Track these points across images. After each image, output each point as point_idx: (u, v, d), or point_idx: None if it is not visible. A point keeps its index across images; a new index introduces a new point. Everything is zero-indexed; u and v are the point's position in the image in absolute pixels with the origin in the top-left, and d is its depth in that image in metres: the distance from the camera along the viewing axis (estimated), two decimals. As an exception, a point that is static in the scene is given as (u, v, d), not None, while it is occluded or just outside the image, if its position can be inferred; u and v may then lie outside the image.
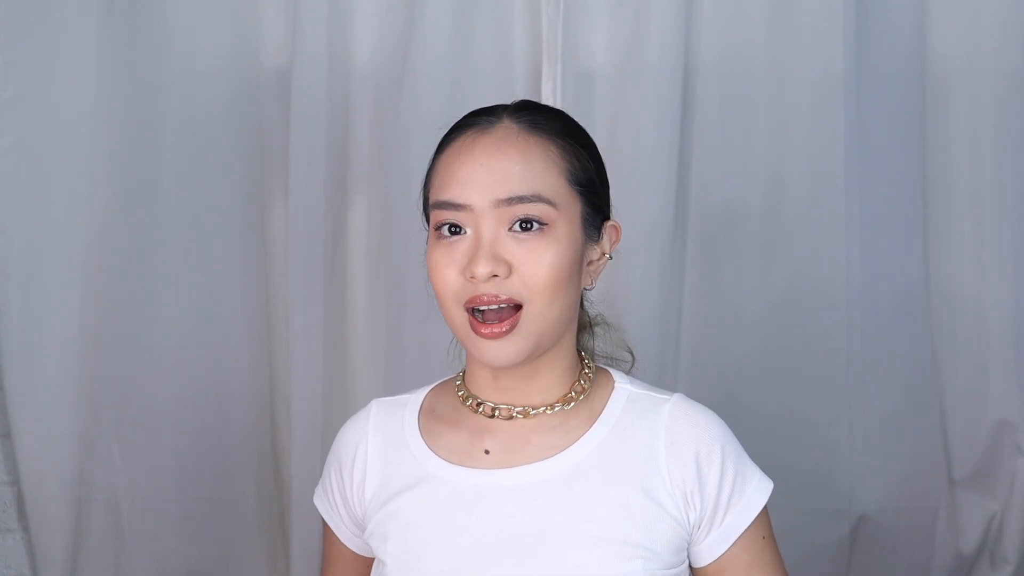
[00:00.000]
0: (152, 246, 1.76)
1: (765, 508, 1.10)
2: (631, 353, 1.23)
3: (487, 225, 1.03)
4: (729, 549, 1.09)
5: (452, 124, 1.12)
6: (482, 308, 1.03)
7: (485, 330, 1.03)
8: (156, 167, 1.75)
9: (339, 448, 1.18)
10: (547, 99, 1.78)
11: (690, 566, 1.12)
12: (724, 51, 1.80)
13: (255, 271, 1.81)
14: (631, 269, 1.74)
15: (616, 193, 1.17)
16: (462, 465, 1.09)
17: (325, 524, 1.21)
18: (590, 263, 1.10)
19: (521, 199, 1.03)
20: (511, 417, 1.10)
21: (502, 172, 1.03)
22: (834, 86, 1.78)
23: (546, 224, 1.03)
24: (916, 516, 1.86)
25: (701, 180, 1.82)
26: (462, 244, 1.04)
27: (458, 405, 1.14)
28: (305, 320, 1.77)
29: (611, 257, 1.12)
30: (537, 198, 1.03)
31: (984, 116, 1.82)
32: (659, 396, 1.12)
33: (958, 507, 1.88)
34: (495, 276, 1.02)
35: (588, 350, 1.18)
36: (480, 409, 1.11)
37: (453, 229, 1.05)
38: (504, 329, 1.03)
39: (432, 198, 1.08)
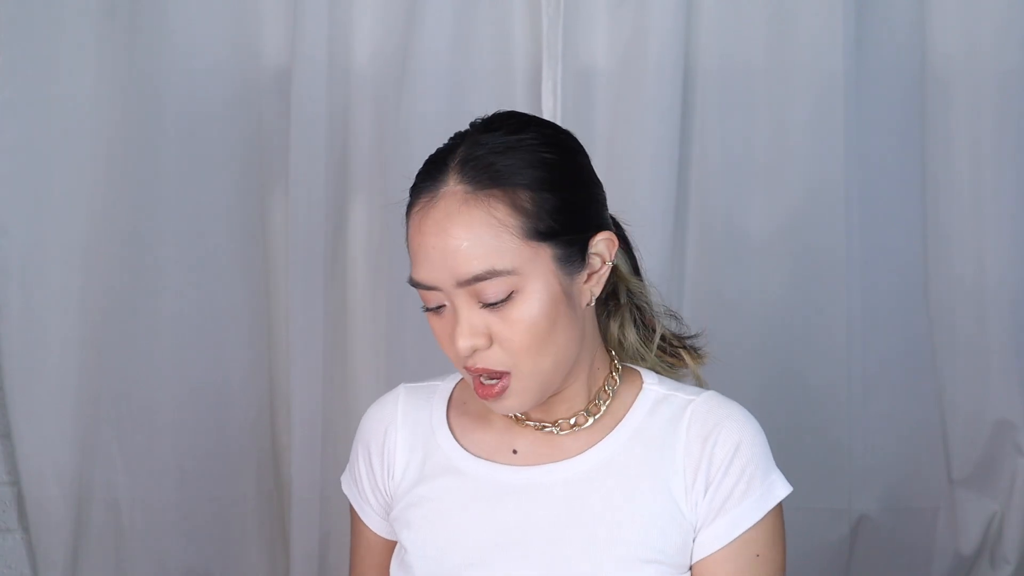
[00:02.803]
0: (152, 246, 1.76)
1: (772, 526, 1.06)
2: (676, 316, 1.20)
3: (460, 300, 1.01)
4: (714, 554, 1.05)
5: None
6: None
7: (481, 391, 1.04)
8: (156, 167, 1.75)
9: (367, 432, 1.18)
10: (547, 99, 1.78)
11: None
12: (724, 51, 1.80)
13: (255, 271, 1.81)
14: (631, 269, 1.74)
15: (616, 193, 1.16)
16: (490, 460, 1.10)
17: (353, 512, 1.21)
18: (587, 280, 1.06)
19: (477, 278, 0.99)
20: (540, 429, 1.10)
21: (452, 252, 0.99)
22: (834, 86, 1.78)
23: (512, 291, 1.00)
24: (916, 516, 1.86)
25: (701, 180, 1.82)
26: (447, 315, 1.03)
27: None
28: (305, 320, 1.77)
29: (614, 263, 1.10)
30: (492, 274, 0.99)
31: (984, 115, 1.82)
32: (686, 396, 1.10)
33: (958, 507, 1.88)
34: (477, 350, 1.01)
35: (624, 343, 1.16)
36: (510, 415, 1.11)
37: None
38: (496, 391, 1.03)
39: (410, 270, 1.04)
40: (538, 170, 1.02)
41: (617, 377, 1.12)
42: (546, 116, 1.76)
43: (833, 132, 1.78)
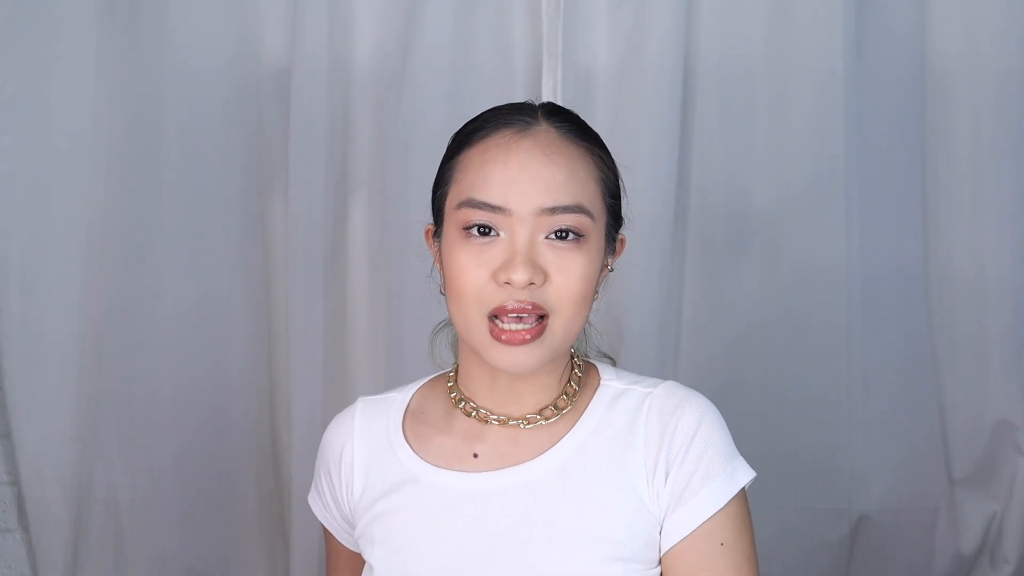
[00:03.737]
0: (152, 246, 1.76)
1: (737, 514, 1.04)
2: (610, 358, 1.20)
3: (524, 231, 1.00)
4: (678, 544, 1.03)
5: (473, 117, 1.08)
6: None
7: (505, 335, 1.00)
8: (156, 167, 1.75)
9: (326, 449, 1.17)
10: (547, 98, 1.77)
11: None
12: (724, 51, 1.80)
13: (255, 271, 1.81)
14: (631, 269, 1.74)
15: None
16: (449, 469, 1.08)
17: (324, 527, 1.22)
18: (601, 271, 1.07)
19: (565, 209, 1.00)
20: (506, 425, 1.09)
21: (547, 179, 1.00)
22: (834, 86, 1.78)
23: (583, 235, 1.02)
24: (916, 516, 1.86)
25: (701, 180, 1.82)
26: (495, 247, 1.01)
27: (449, 407, 1.12)
28: (305, 320, 1.77)
29: (612, 269, 1.10)
30: (579, 209, 1.01)
31: (984, 115, 1.82)
32: (643, 389, 1.09)
33: (958, 507, 1.88)
34: (531, 284, 0.99)
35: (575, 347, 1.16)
36: (474, 415, 1.10)
37: (483, 230, 1.01)
38: (528, 337, 1.00)
39: (463, 195, 1.02)
40: (608, 151, 1.09)
41: (579, 373, 1.11)
42: (546, 116, 1.77)
43: (833, 132, 1.78)
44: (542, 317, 1.01)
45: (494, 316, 1.01)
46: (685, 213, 1.83)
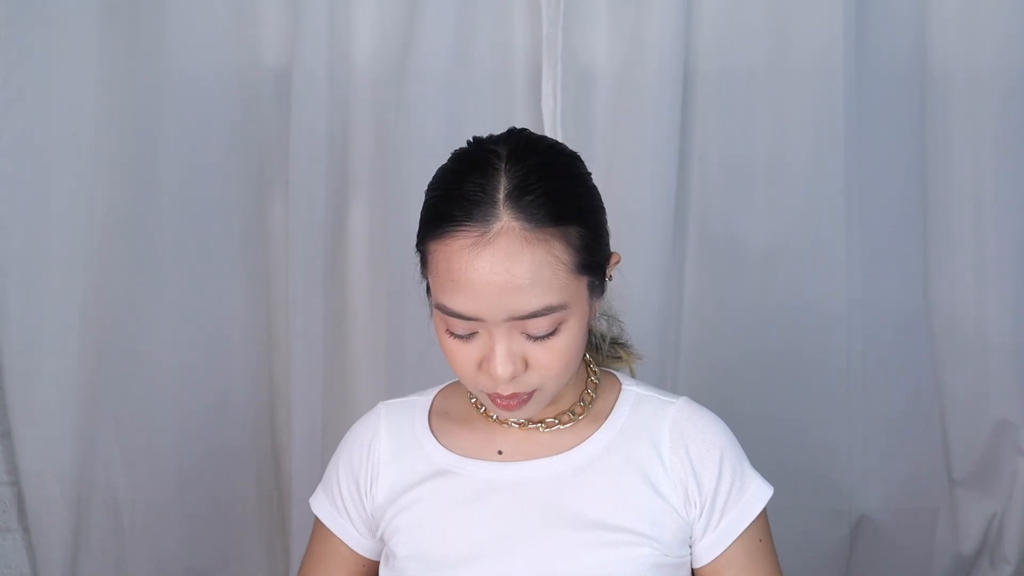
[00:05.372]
0: (152, 246, 1.76)
1: (764, 513, 1.13)
2: (619, 321, 1.24)
3: (501, 330, 1.01)
4: (726, 551, 1.11)
5: (437, 184, 1.06)
6: None
7: (501, 402, 1.05)
8: (156, 167, 1.75)
9: (350, 450, 1.18)
10: (547, 100, 1.77)
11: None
12: (724, 51, 1.80)
13: (255, 271, 1.81)
14: (631, 272, 1.72)
15: (616, 194, 1.17)
16: (475, 459, 1.12)
17: (319, 525, 1.21)
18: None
19: (534, 314, 1.00)
20: (526, 428, 1.13)
21: (512, 289, 0.98)
22: (834, 86, 1.77)
23: (559, 324, 1.02)
24: (916, 516, 1.86)
25: (701, 181, 1.82)
26: (477, 340, 1.03)
27: (471, 408, 1.16)
28: (305, 320, 1.77)
29: (611, 278, 1.11)
30: (549, 310, 1.01)
31: (984, 117, 1.82)
32: (665, 399, 1.15)
33: (958, 507, 1.88)
34: (515, 377, 1.03)
35: (591, 354, 1.20)
36: (495, 418, 1.14)
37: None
38: (518, 403, 1.06)
39: (437, 297, 1.03)
40: (583, 200, 1.05)
41: (596, 380, 1.16)
42: (546, 117, 1.76)
43: (833, 133, 1.78)
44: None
45: None
46: (685, 214, 1.83)
